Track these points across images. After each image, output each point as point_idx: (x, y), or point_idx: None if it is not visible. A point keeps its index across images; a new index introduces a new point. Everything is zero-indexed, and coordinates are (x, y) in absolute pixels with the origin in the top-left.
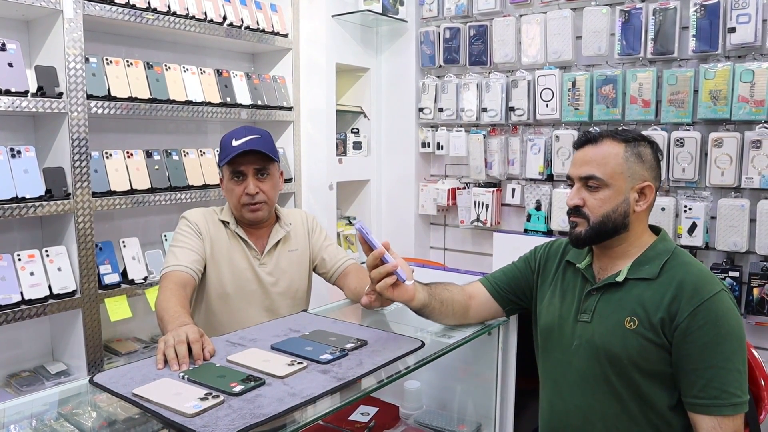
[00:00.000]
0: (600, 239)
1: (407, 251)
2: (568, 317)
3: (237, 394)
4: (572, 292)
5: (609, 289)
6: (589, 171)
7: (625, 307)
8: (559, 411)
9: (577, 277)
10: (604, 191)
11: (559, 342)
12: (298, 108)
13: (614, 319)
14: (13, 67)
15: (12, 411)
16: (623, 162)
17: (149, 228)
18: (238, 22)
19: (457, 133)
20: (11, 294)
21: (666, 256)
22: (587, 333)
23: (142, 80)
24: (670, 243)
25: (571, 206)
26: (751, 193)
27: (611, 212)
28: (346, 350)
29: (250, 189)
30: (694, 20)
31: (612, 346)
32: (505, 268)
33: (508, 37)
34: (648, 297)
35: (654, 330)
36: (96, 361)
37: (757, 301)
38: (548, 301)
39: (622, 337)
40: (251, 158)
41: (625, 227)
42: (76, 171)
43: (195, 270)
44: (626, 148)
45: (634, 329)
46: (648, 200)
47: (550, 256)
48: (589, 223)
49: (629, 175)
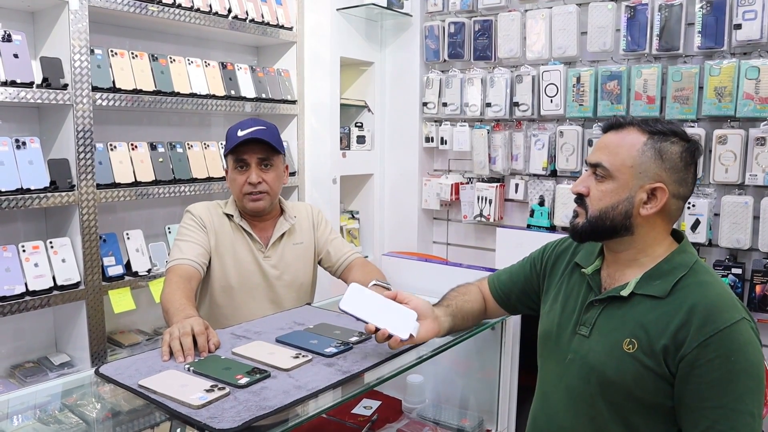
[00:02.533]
0: (598, 237)
1: (410, 246)
2: (566, 327)
3: (242, 386)
4: (575, 299)
5: (613, 302)
6: (598, 158)
7: (626, 326)
8: (541, 429)
9: (583, 282)
10: (608, 183)
11: (554, 352)
12: (302, 101)
13: (613, 338)
14: (18, 59)
15: (16, 401)
16: (637, 155)
17: (153, 220)
18: (242, 14)
19: (461, 128)
20: (16, 285)
21: (682, 272)
22: (583, 348)
23: (147, 72)
24: (690, 256)
25: (574, 193)
26: (754, 190)
27: (610, 208)
28: (351, 344)
29: (252, 178)
30: (699, 16)
31: (606, 368)
32: (512, 270)
33: (512, 32)
34: (653, 318)
35: (655, 357)
36: (99, 352)
37: (760, 299)
38: (550, 306)
39: (619, 361)
40: (255, 148)
41: (628, 230)
42: (80, 163)
43: (200, 263)
44: (647, 141)
45: (633, 353)
46: (658, 204)
47: (560, 256)
48: (587, 215)
49: (640, 170)
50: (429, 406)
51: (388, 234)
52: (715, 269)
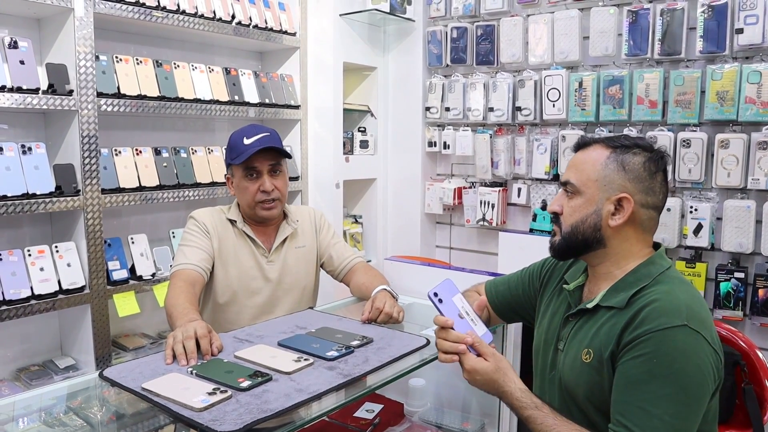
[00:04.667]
0: (574, 252)
1: (413, 250)
2: (550, 343)
3: (244, 389)
4: (559, 315)
5: (583, 315)
6: (567, 176)
7: (587, 337)
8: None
9: (566, 298)
10: (577, 199)
11: (541, 368)
12: (305, 106)
13: (575, 350)
14: (24, 65)
15: (21, 404)
16: (600, 169)
17: (157, 225)
18: (246, 20)
19: (464, 133)
20: (21, 289)
21: (644, 283)
22: (560, 363)
23: (152, 78)
24: (657, 267)
25: (550, 213)
26: (757, 194)
27: (580, 223)
28: (352, 347)
29: (266, 186)
30: (701, 21)
31: (569, 380)
32: (510, 281)
33: (515, 37)
34: (607, 328)
35: (606, 365)
36: (104, 356)
37: (763, 303)
38: (539, 321)
39: (579, 372)
40: (266, 155)
41: (600, 242)
42: (85, 168)
43: (204, 268)
44: (610, 155)
45: (589, 362)
46: (626, 214)
47: (555, 271)
48: (561, 232)
49: (605, 183)
50: (431, 410)
51: (392, 238)
52: (717, 274)
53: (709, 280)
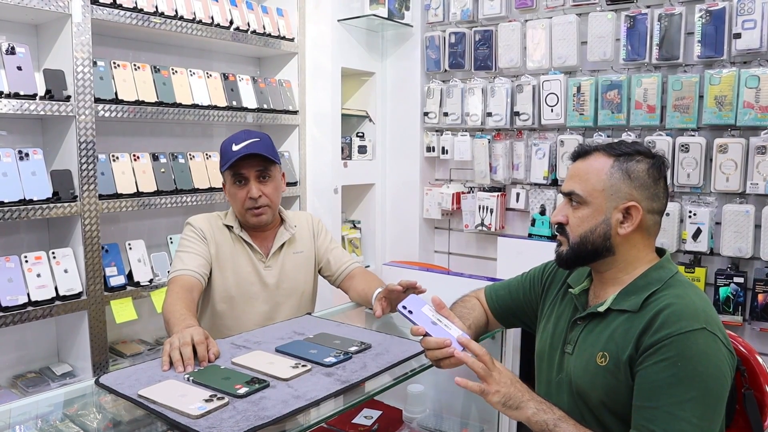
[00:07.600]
0: (582, 262)
1: (411, 255)
2: (557, 346)
3: (241, 396)
4: (565, 319)
5: (593, 319)
6: (571, 186)
7: (601, 340)
8: None
9: (572, 302)
10: (584, 209)
11: (547, 372)
12: (303, 112)
13: (589, 353)
14: (21, 71)
15: (18, 411)
16: (606, 178)
17: (155, 230)
18: (244, 26)
19: (462, 138)
20: (18, 295)
21: (656, 287)
22: (569, 366)
23: (149, 84)
24: (666, 271)
25: (554, 223)
26: (756, 198)
27: (589, 233)
28: (350, 353)
29: (253, 193)
30: (699, 26)
31: (583, 383)
32: (510, 286)
33: (513, 42)
34: (623, 331)
35: (623, 369)
36: (101, 362)
37: (762, 307)
38: (543, 326)
39: (593, 375)
40: (252, 162)
41: (610, 251)
42: (83, 173)
43: (201, 274)
44: (614, 164)
45: (604, 366)
46: (635, 222)
47: (556, 276)
48: (569, 242)
49: (612, 193)
50: (430, 416)
51: (390, 243)
52: (716, 278)
53: (709, 284)
